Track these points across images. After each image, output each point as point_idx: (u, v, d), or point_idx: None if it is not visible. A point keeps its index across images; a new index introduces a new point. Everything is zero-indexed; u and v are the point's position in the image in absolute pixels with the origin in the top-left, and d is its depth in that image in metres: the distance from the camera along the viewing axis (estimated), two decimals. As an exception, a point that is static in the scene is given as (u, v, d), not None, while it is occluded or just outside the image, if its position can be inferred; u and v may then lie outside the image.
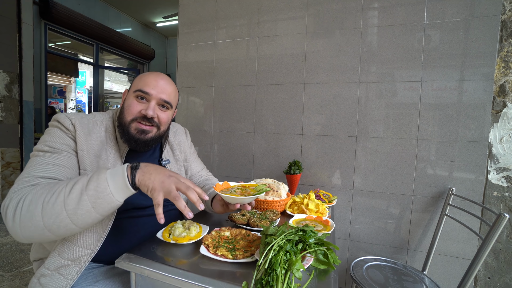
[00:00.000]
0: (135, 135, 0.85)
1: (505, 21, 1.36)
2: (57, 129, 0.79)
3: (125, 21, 5.81)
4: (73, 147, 0.78)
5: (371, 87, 1.58)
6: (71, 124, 0.79)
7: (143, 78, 0.89)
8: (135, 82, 0.89)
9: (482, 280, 1.45)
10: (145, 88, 0.85)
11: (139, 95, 0.86)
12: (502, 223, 0.95)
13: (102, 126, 0.87)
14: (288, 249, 0.64)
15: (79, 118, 0.82)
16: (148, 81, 0.87)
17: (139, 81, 0.88)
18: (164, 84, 0.89)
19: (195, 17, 2.03)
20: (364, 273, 1.21)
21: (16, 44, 3.02)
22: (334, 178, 1.68)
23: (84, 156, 0.78)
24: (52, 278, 0.73)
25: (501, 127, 1.38)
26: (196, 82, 2.04)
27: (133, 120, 0.85)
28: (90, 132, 0.82)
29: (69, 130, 0.78)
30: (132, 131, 0.85)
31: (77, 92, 8.67)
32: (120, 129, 0.87)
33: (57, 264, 0.74)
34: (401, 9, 1.51)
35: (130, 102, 0.86)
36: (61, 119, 0.79)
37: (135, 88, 0.87)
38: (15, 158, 3.11)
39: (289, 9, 1.76)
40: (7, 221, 0.62)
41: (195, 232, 0.81)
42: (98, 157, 0.81)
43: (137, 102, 0.86)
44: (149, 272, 0.67)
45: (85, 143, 0.79)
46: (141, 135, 0.86)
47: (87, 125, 0.82)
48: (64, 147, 0.76)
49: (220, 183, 0.97)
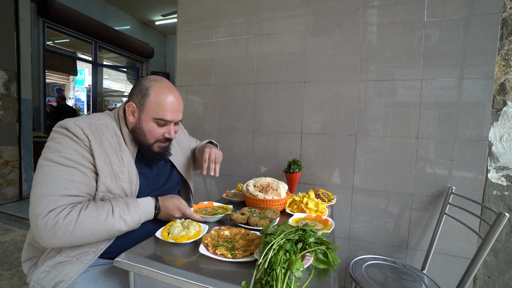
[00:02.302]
0: (159, 152, 0.95)
1: (506, 19, 1.35)
2: (68, 139, 0.79)
3: (124, 19, 5.78)
4: (89, 159, 0.81)
5: (371, 86, 1.58)
6: (84, 134, 0.80)
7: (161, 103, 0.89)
8: (152, 106, 0.89)
9: (481, 279, 1.45)
10: (167, 117, 0.90)
11: (160, 123, 0.91)
12: (502, 222, 0.95)
13: (109, 131, 0.90)
14: (287, 249, 0.63)
15: (88, 126, 0.83)
16: (167, 108, 0.89)
17: (157, 108, 0.89)
18: (179, 104, 0.94)
19: (194, 15, 2.02)
20: (364, 272, 1.20)
21: (14, 42, 3.00)
22: (333, 177, 1.67)
23: (103, 166, 0.82)
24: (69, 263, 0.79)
25: (501, 126, 1.38)
26: (195, 80, 2.03)
27: (156, 141, 0.93)
28: (102, 140, 0.85)
29: (82, 140, 0.80)
30: (156, 149, 0.94)
31: (75, 91, 8.64)
32: (141, 147, 0.94)
33: (77, 251, 0.80)
34: (401, 7, 1.50)
35: (152, 128, 0.91)
36: (71, 127, 0.80)
37: (155, 116, 0.89)
38: (14, 157, 3.10)
39: (289, 7, 1.75)
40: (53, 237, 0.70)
41: (194, 231, 0.81)
42: (113, 164, 0.85)
43: (158, 127, 0.92)
44: (148, 271, 0.66)
45: (101, 152, 0.83)
46: (163, 151, 0.97)
47: (97, 133, 0.84)
48: (80, 159, 0.79)
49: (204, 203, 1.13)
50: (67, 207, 0.72)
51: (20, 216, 2.68)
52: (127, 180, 0.87)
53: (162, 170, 1.06)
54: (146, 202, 0.87)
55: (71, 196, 0.75)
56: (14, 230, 2.58)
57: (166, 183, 1.05)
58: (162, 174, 1.05)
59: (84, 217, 0.72)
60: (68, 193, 0.74)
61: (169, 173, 1.08)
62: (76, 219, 0.71)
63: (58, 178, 0.74)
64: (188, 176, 1.19)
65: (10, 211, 2.78)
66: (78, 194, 0.76)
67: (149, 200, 0.88)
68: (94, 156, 0.80)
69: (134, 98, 0.91)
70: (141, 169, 0.95)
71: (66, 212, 0.71)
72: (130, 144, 0.93)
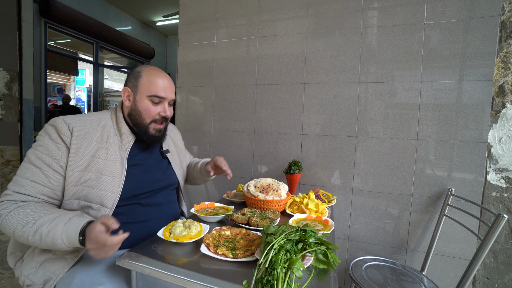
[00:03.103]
0: (155, 134, 0.97)
1: (505, 21, 1.36)
2: (47, 138, 0.82)
3: (125, 19, 5.79)
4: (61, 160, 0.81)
5: (371, 87, 1.58)
6: (68, 130, 0.83)
7: (152, 81, 0.93)
8: (145, 85, 0.93)
9: (480, 281, 1.46)
10: (160, 93, 0.94)
11: (154, 100, 0.94)
12: (500, 223, 0.95)
13: (98, 125, 0.91)
14: (288, 249, 0.64)
15: (76, 121, 0.86)
16: (159, 84, 0.94)
17: (150, 85, 0.93)
18: (170, 84, 0.98)
19: (196, 17, 2.03)
20: (363, 273, 1.21)
21: (16, 42, 3.01)
22: (333, 178, 1.68)
23: (79, 158, 0.82)
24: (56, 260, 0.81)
25: (500, 128, 1.39)
26: (196, 81, 2.04)
27: (151, 121, 0.95)
28: (86, 133, 0.86)
29: (64, 135, 0.82)
30: (151, 131, 0.96)
31: (76, 91, 8.65)
32: (137, 129, 0.95)
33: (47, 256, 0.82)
34: (401, 10, 1.51)
35: (146, 106, 0.94)
36: (58, 124, 0.83)
37: (148, 93, 0.93)
38: (15, 156, 3.11)
39: (289, 9, 1.76)
40: None
41: (195, 231, 0.82)
42: (94, 156, 0.85)
43: (153, 105, 0.94)
44: (150, 270, 0.67)
45: (81, 146, 0.84)
46: (159, 133, 0.98)
47: (83, 127, 0.86)
48: (49, 160, 0.80)
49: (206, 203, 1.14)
50: (9, 203, 0.75)
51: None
52: (110, 173, 0.86)
53: (159, 164, 1.06)
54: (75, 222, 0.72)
55: (22, 194, 0.77)
56: (15, 230, 2.59)
57: (165, 179, 1.06)
58: (160, 167, 1.06)
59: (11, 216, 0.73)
60: (21, 191, 0.77)
61: (165, 169, 1.09)
62: (5, 215, 0.73)
63: (22, 175, 0.79)
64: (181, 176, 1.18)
65: (11, 211, 2.78)
66: (30, 194, 0.78)
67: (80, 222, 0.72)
68: (70, 151, 0.81)
69: (128, 83, 0.96)
70: (137, 161, 0.96)
71: (4, 206, 0.74)
72: (127, 137, 0.94)
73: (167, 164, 1.11)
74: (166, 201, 1.05)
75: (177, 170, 1.15)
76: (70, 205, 0.84)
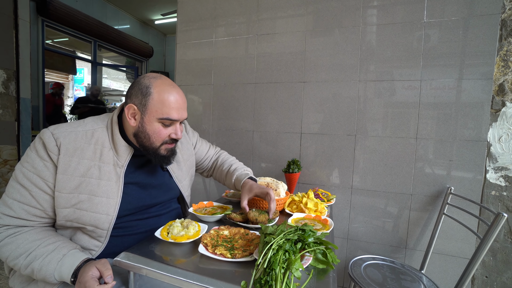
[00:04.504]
0: (166, 155, 0.88)
1: (505, 20, 1.35)
2: (34, 154, 0.76)
3: (123, 18, 5.76)
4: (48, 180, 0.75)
5: (370, 86, 1.58)
6: (56, 146, 0.76)
7: (165, 101, 0.81)
8: (156, 106, 0.81)
9: (479, 279, 1.46)
10: (173, 116, 0.83)
11: (166, 123, 0.84)
12: (500, 222, 0.95)
13: (91, 139, 0.82)
14: (287, 248, 0.64)
15: (65, 134, 0.78)
16: (172, 105, 0.82)
17: (162, 106, 0.81)
18: (183, 102, 0.87)
19: (194, 15, 2.01)
20: (363, 272, 1.21)
21: (13, 41, 2.99)
22: (332, 177, 1.67)
23: (67, 180, 0.76)
24: None
25: (500, 126, 1.38)
26: (195, 80, 2.03)
27: (162, 143, 0.86)
28: (76, 150, 0.78)
29: (51, 152, 0.75)
30: (163, 152, 0.87)
31: (75, 90, 8.62)
32: (147, 152, 0.86)
33: None
34: (400, 8, 1.50)
35: (157, 129, 0.83)
36: (45, 138, 0.76)
37: (159, 116, 0.82)
38: (12, 156, 3.09)
39: (288, 7, 1.75)
40: None
41: (193, 231, 0.81)
42: (85, 176, 0.78)
43: (164, 128, 0.85)
44: (148, 271, 0.66)
45: (69, 165, 0.76)
46: (170, 153, 0.90)
47: (73, 142, 0.78)
48: (36, 180, 0.75)
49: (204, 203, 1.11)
50: (1, 228, 0.73)
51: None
52: (104, 194, 0.80)
53: (159, 178, 0.97)
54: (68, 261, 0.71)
55: (12, 217, 0.74)
56: (13, 229, 2.57)
57: (165, 193, 0.98)
58: (160, 182, 0.97)
59: (3, 245, 0.72)
60: (11, 214, 0.74)
61: (167, 183, 1.00)
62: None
63: (9, 196, 0.75)
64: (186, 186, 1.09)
65: (9, 210, 2.77)
66: (20, 216, 0.74)
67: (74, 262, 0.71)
68: (58, 171, 0.75)
69: (134, 99, 0.82)
70: (136, 178, 0.89)
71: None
72: (123, 151, 0.85)
73: (168, 177, 1.01)
74: (167, 210, 1.00)
75: (181, 181, 1.05)
76: (63, 225, 0.80)
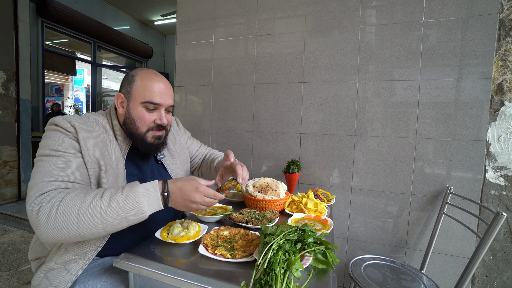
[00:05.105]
0: (154, 142, 0.90)
1: (503, 19, 1.36)
2: (57, 133, 0.78)
3: (123, 19, 5.77)
4: (78, 148, 0.78)
5: (370, 86, 1.58)
6: (71, 126, 0.78)
7: (147, 86, 0.86)
8: (139, 90, 0.86)
9: (479, 279, 1.46)
10: (155, 100, 0.86)
11: (149, 107, 0.87)
12: (499, 221, 0.95)
13: (99, 127, 0.87)
14: (287, 249, 0.64)
15: (77, 119, 0.82)
16: (154, 89, 0.87)
17: (144, 90, 0.86)
18: (167, 88, 0.91)
19: (194, 16, 2.02)
20: (363, 272, 1.21)
21: (12, 42, 2.99)
22: (332, 177, 1.68)
23: (89, 155, 0.79)
24: (58, 272, 0.76)
25: (499, 126, 1.38)
26: (195, 80, 2.04)
27: (148, 130, 0.88)
28: (92, 133, 0.82)
29: (70, 132, 0.78)
30: (150, 139, 0.89)
31: (74, 91, 8.62)
32: (135, 140, 0.89)
33: (64, 258, 0.77)
34: (399, 8, 1.51)
35: (141, 113, 0.87)
36: (59, 122, 0.79)
37: (142, 99, 0.86)
38: (12, 157, 3.09)
39: (288, 8, 1.75)
40: (38, 226, 0.64)
41: (193, 231, 0.81)
42: (103, 155, 0.82)
43: (148, 113, 0.87)
44: (148, 271, 0.67)
45: (88, 142, 0.79)
46: (158, 141, 0.92)
47: (86, 125, 0.82)
48: (69, 149, 0.76)
49: None
50: (54, 191, 0.68)
51: (19, 216, 2.67)
52: (114, 174, 0.83)
53: (154, 171, 0.99)
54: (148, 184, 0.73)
55: (61, 181, 0.71)
56: (13, 231, 2.58)
57: None
58: (155, 175, 0.99)
59: (68, 199, 0.66)
60: (59, 178, 0.71)
61: (162, 176, 1.02)
62: (59, 201, 0.65)
63: (49, 167, 0.71)
64: None
65: (8, 212, 2.77)
66: (70, 180, 0.72)
67: (153, 183, 0.74)
68: (81, 147, 0.77)
69: (122, 88, 0.90)
70: (130, 170, 0.90)
71: (51, 195, 0.67)
72: (122, 142, 0.89)
73: (163, 170, 1.04)
74: None
75: (176, 174, 1.07)
76: None
